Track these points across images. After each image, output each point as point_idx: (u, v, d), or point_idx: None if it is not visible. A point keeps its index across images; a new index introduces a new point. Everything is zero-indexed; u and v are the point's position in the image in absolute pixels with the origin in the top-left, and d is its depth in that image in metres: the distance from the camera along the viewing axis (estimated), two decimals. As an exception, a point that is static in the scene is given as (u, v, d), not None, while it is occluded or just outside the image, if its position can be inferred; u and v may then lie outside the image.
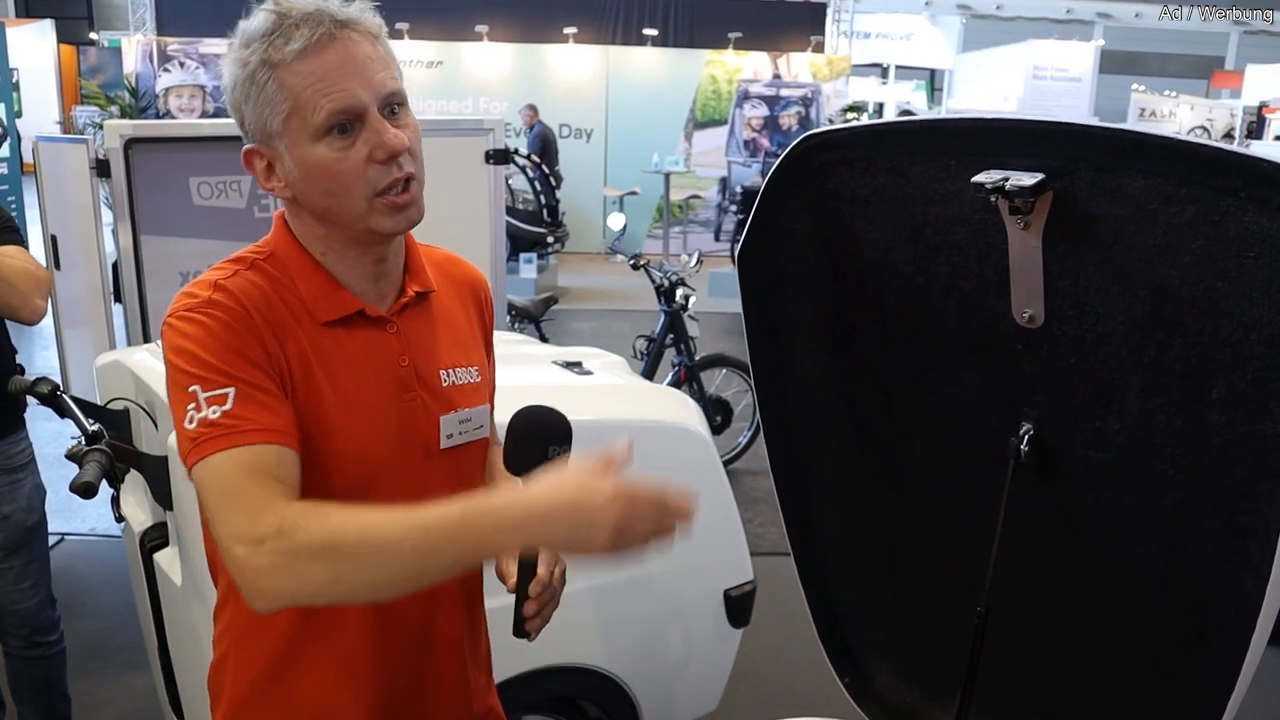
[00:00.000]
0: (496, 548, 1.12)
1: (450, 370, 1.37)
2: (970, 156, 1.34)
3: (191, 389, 1.16)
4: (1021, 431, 1.43)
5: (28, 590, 2.59)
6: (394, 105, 1.23)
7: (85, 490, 1.98)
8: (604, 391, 2.77)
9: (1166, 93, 19.39)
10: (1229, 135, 17.61)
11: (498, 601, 1.49)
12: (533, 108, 12.22)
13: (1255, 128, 16.83)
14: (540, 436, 1.28)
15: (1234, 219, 1.14)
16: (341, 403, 1.25)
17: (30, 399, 2.44)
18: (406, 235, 1.37)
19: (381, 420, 1.28)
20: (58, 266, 3.90)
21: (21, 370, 2.67)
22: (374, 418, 1.28)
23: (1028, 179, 1.24)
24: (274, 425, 1.16)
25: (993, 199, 1.28)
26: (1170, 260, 1.21)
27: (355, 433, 1.26)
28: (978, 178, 1.27)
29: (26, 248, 2.56)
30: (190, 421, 1.15)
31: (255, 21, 1.19)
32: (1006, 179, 1.25)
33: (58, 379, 2.55)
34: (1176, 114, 18.33)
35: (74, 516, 3.82)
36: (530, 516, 1.06)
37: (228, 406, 1.15)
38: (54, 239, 3.87)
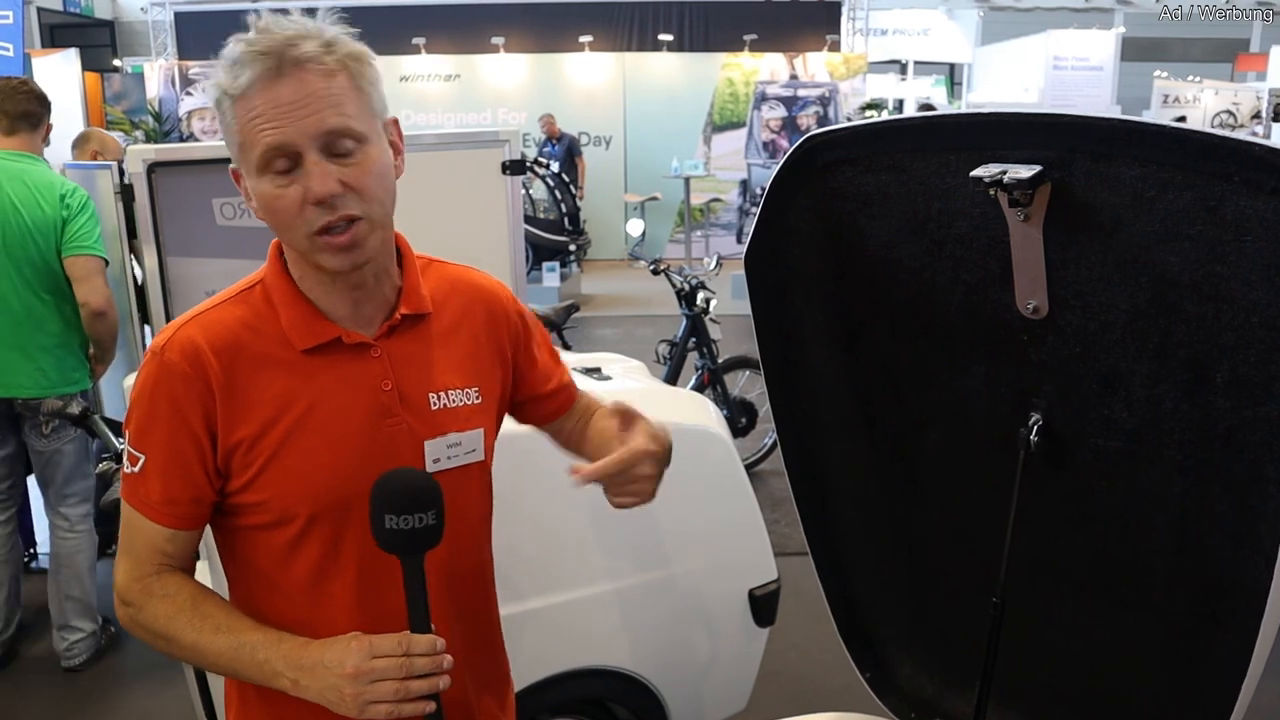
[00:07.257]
0: (283, 683, 1.23)
1: (443, 393, 1.35)
2: (969, 151, 1.34)
3: (126, 430, 1.30)
4: (1030, 422, 1.44)
5: None
6: (344, 142, 1.19)
7: (116, 507, 2.03)
8: (622, 396, 2.78)
9: (1190, 78, 19.15)
10: (1257, 117, 17.36)
11: (513, 609, 1.49)
12: (550, 117, 12.26)
13: (1282, 110, 16.60)
14: (379, 506, 1.20)
15: (1230, 204, 1.14)
16: (316, 431, 1.27)
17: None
18: (406, 254, 1.37)
19: (352, 448, 1.28)
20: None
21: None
22: (346, 445, 1.28)
23: (1025, 171, 1.25)
24: (171, 503, 1.27)
25: (992, 192, 1.28)
26: (1169, 247, 1.21)
27: (326, 460, 1.27)
28: (976, 171, 1.27)
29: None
30: (124, 452, 1.31)
31: (227, 48, 1.19)
32: (1004, 172, 1.25)
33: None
34: (1201, 99, 18.08)
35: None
36: (298, 667, 1.21)
37: (137, 469, 1.28)
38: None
